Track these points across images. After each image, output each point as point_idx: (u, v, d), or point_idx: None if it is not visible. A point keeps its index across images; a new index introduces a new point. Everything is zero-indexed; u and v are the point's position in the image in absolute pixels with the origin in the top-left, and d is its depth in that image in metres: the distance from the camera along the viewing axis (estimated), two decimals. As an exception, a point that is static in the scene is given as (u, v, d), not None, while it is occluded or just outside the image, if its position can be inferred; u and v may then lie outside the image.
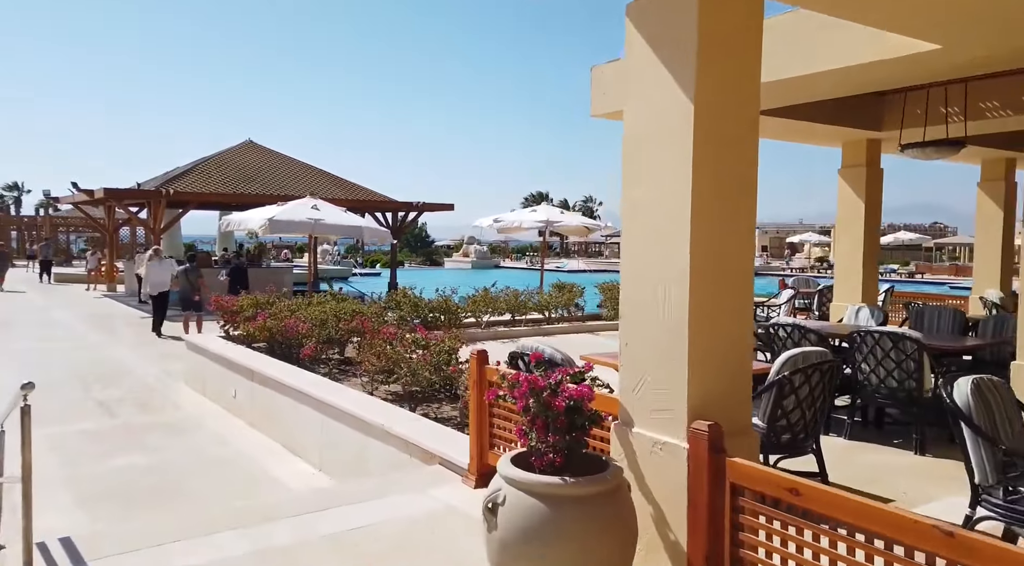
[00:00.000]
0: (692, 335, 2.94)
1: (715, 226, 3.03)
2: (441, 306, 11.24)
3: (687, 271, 2.95)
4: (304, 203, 13.88)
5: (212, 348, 9.54)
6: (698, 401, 2.92)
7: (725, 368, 3.05)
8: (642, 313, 3.20)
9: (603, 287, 14.00)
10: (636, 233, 3.29)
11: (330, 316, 9.00)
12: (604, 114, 7.97)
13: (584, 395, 2.74)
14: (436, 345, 6.88)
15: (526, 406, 2.82)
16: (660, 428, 3.02)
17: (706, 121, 2.95)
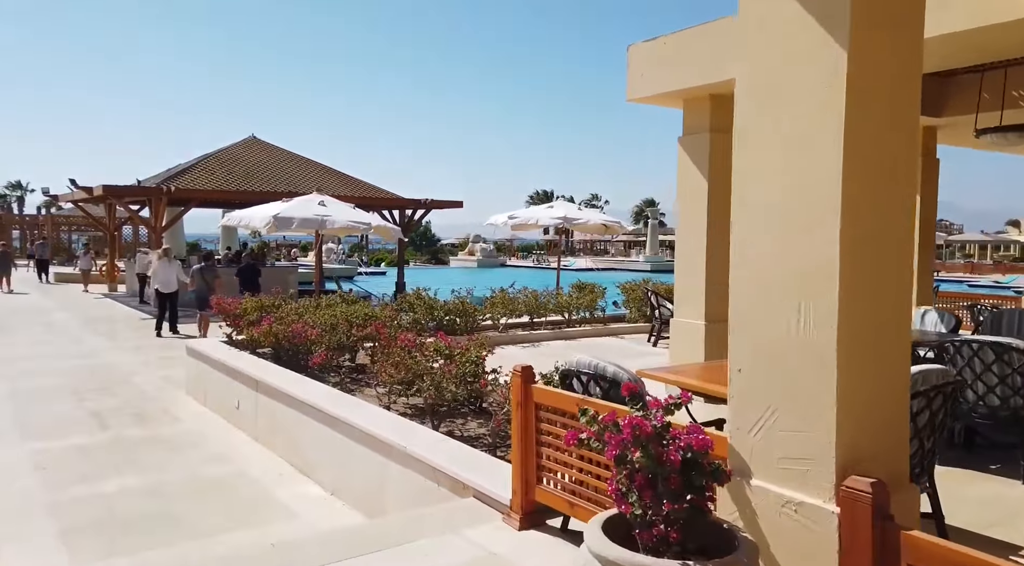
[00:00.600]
0: (842, 360, 2.22)
1: (871, 216, 2.31)
2: (457, 308, 10.53)
3: (835, 276, 2.23)
4: (311, 199, 13.18)
5: (213, 355, 8.85)
6: (850, 448, 2.21)
7: (883, 402, 2.33)
8: (765, 330, 2.48)
9: (625, 287, 13.28)
10: (755, 225, 2.57)
11: (341, 320, 8.30)
12: (642, 98, 7.24)
13: (704, 445, 2.03)
14: (461, 354, 6.17)
15: (621, 456, 2.11)
16: (793, 482, 2.30)
17: (862, 74, 2.23)
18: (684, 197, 7.21)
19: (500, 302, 11.26)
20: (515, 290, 12.17)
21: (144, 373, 11.12)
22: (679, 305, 7.32)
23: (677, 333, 7.33)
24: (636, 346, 10.87)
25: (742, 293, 2.61)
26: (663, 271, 49.05)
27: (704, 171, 6.96)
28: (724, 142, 7.06)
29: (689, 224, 7.15)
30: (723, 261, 6.86)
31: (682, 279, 7.28)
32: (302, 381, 7.34)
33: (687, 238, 7.18)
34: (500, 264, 56.70)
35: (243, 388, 8.01)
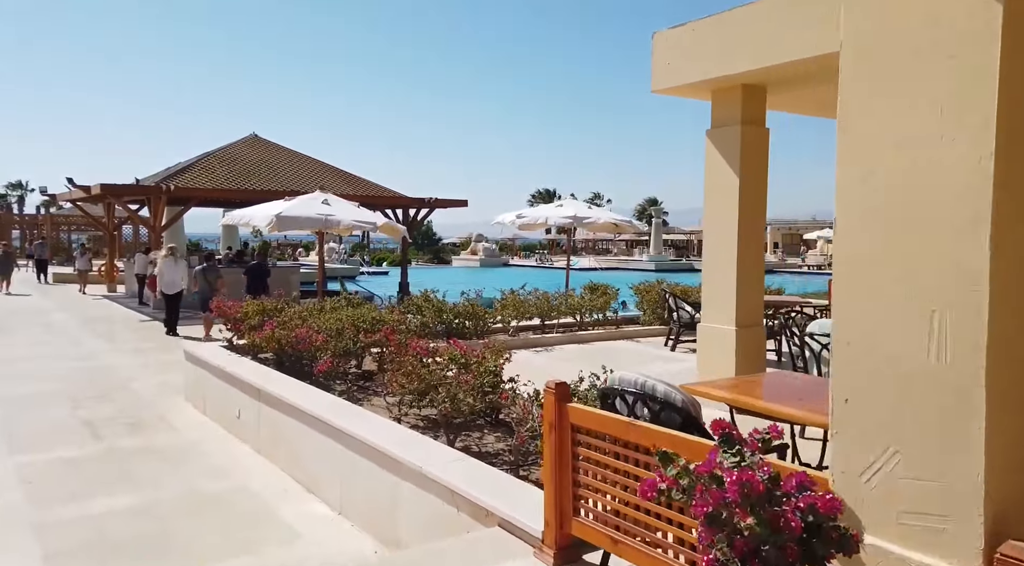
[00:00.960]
0: (993, 389, 1.77)
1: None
2: (467, 311, 10.10)
3: (986, 285, 1.77)
4: (314, 197, 12.76)
5: (212, 361, 8.42)
6: (1002, 503, 1.77)
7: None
8: (884, 351, 2.02)
9: (639, 288, 12.84)
10: (868, 218, 2.09)
11: (347, 325, 7.87)
12: (667, 89, 6.81)
13: (833, 509, 1.59)
14: (477, 363, 5.74)
15: (716, 516, 1.68)
16: (921, 544, 1.87)
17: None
18: (713, 194, 6.77)
19: (511, 304, 10.83)
20: (525, 292, 11.74)
21: (142, 378, 10.71)
22: (707, 309, 6.89)
23: (705, 339, 6.90)
24: (653, 350, 10.44)
25: (854, 304, 2.11)
26: (667, 271, 48.56)
27: (735, 166, 6.52)
28: (756, 135, 6.63)
29: (718, 222, 6.72)
30: (755, 261, 6.40)
31: (710, 281, 6.85)
32: (306, 390, 6.92)
33: (716, 237, 6.75)
34: (503, 264, 56.29)
35: (244, 396, 7.59)
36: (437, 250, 63.36)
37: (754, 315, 6.70)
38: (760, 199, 6.66)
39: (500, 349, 6.29)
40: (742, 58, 6.08)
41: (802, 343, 5.76)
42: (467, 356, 5.86)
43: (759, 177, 6.64)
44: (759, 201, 6.66)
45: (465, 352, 5.94)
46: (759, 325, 6.74)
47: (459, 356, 5.82)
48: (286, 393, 6.73)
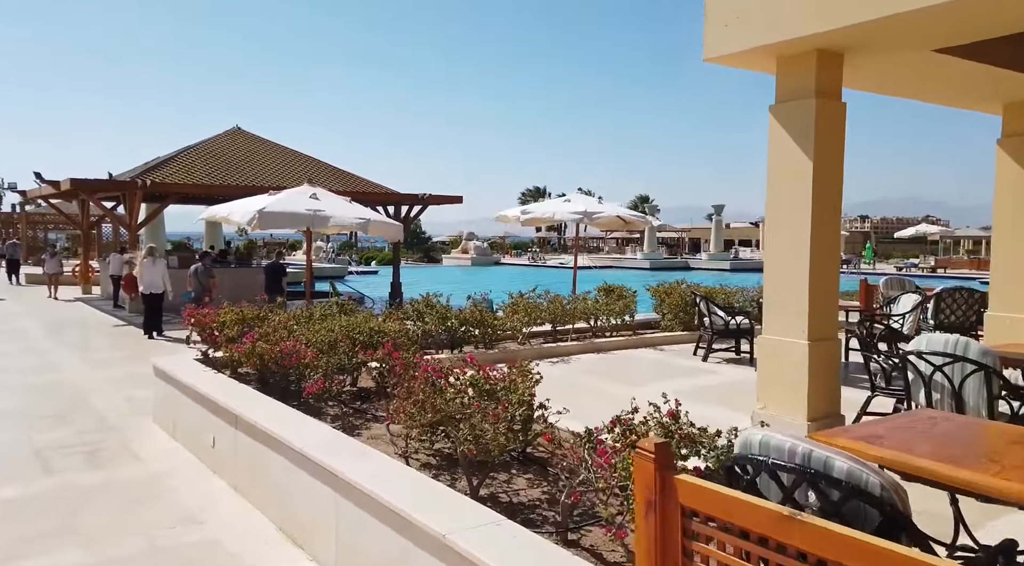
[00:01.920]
0: None
1: None
2: (475, 317, 8.99)
3: None
4: (301, 192, 11.60)
5: (183, 378, 7.27)
6: None
7: None
8: None
9: (657, 290, 11.78)
10: None
11: (341, 336, 6.75)
12: (724, 56, 5.72)
13: None
14: (505, 389, 4.64)
15: None
16: None
17: None
18: (779, 181, 5.70)
19: (523, 310, 9.73)
20: (535, 295, 10.65)
21: (107, 393, 9.53)
22: (770, 318, 5.82)
23: (768, 354, 5.82)
24: (681, 361, 9.39)
25: None
26: (663, 269, 47.67)
27: (808, 147, 5.45)
28: (834, 110, 5.56)
29: (786, 215, 5.64)
30: (831, 262, 5.26)
31: (776, 285, 5.77)
32: (292, 418, 5.79)
33: (783, 233, 5.67)
34: (494, 262, 55.18)
35: (220, 422, 6.45)
36: (427, 249, 62.14)
37: (829, 326, 5.64)
38: (836, 187, 5.59)
39: (527, 369, 5.18)
40: (821, 16, 5.01)
41: (902, 364, 4.70)
42: (492, 381, 4.76)
43: (836, 161, 5.57)
44: (835, 189, 5.59)
45: (488, 376, 4.83)
46: (834, 338, 5.68)
47: (482, 381, 4.71)
48: (268, 422, 5.60)
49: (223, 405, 6.31)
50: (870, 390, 5.81)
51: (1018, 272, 7.33)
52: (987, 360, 4.25)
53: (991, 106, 7.50)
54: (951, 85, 6.67)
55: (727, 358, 9.43)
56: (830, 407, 5.65)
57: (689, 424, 3.97)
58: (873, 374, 5.73)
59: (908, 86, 6.61)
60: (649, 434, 4.08)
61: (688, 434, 3.92)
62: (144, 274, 14.22)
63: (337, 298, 9.38)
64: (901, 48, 5.40)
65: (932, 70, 6.04)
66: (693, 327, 10.94)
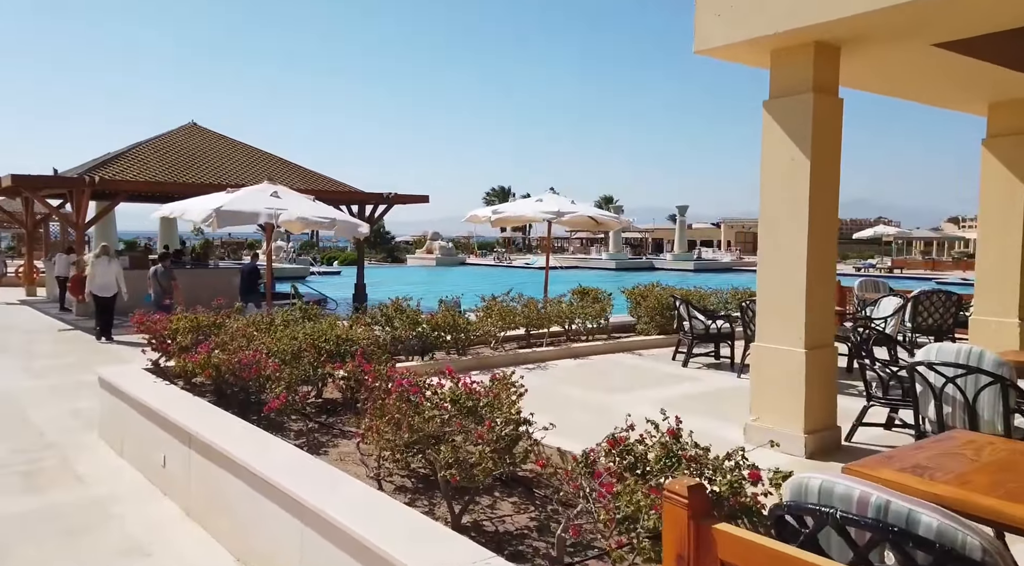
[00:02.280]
0: None
1: None
2: (447, 322, 8.56)
3: None
4: (261, 190, 11.02)
5: (131, 391, 6.69)
6: None
7: None
8: None
9: (633, 293, 11.49)
10: None
11: (305, 345, 6.26)
12: (715, 48, 5.42)
13: None
14: (490, 406, 4.24)
15: None
16: None
17: None
18: (773, 181, 5.41)
19: (498, 314, 9.32)
20: (509, 298, 10.26)
21: (49, 405, 8.85)
22: (764, 324, 5.52)
23: (763, 363, 5.52)
24: (661, 367, 9.08)
25: None
26: (628, 269, 47.74)
27: (805, 146, 5.16)
28: (831, 106, 5.28)
29: (781, 216, 5.35)
30: (828, 266, 4.98)
31: (770, 290, 5.48)
32: (252, 436, 5.29)
33: (778, 235, 5.38)
34: (460, 263, 54.69)
35: (171, 439, 5.91)
36: (391, 249, 61.28)
37: (826, 333, 5.36)
38: (834, 187, 5.32)
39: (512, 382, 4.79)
40: (822, 5, 4.72)
41: (910, 375, 4.43)
42: (473, 395, 4.35)
43: (833, 159, 5.30)
44: (832, 189, 5.32)
45: (470, 389, 4.43)
46: (831, 346, 5.41)
47: (464, 397, 4.30)
48: (225, 441, 5.10)
49: (174, 421, 5.78)
50: (865, 399, 5.55)
51: (1004, 275, 7.21)
52: (1003, 371, 4.01)
53: (977, 106, 7.36)
54: (943, 83, 6.49)
55: (707, 363, 9.18)
56: (827, 418, 5.38)
57: (693, 445, 3.62)
58: (869, 382, 5.48)
59: (900, 83, 6.40)
60: (649, 455, 3.73)
61: (694, 456, 3.57)
62: (97, 275, 13.55)
63: (301, 302, 8.85)
64: (901, 41, 5.15)
65: (927, 66, 5.82)
66: (670, 331, 10.68)
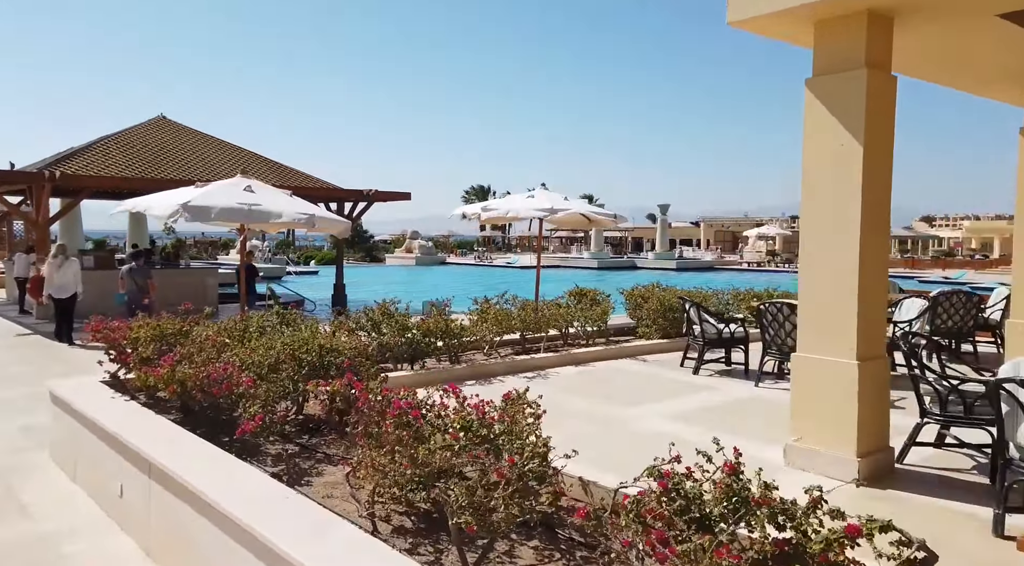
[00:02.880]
0: None
1: None
2: (439, 328, 7.85)
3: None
4: (233, 184, 10.19)
5: (85, 409, 5.91)
6: None
7: None
8: None
9: (632, 295, 10.86)
10: None
11: (284, 357, 5.53)
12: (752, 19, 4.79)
13: None
14: (509, 435, 3.56)
15: None
16: None
17: None
18: (818, 170, 4.78)
19: (494, 318, 8.62)
20: (503, 300, 9.58)
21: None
22: (808, 333, 4.89)
23: (807, 376, 4.89)
24: (670, 374, 8.44)
25: None
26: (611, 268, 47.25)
27: (857, 130, 4.54)
28: (885, 84, 4.66)
29: (828, 210, 4.73)
30: (881, 267, 4.21)
31: (815, 294, 4.85)
32: (222, 464, 4.56)
33: (823, 232, 4.76)
34: (440, 262, 53.86)
35: (129, 467, 5.15)
36: (369, 248, 60.19)
37: (879, 342, 4.75)
38: (887, 176, 4.71)
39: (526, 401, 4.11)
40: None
41: (993, 394, 3.82)
42: (486, 422, 3.66)
43: (887, 144, 4.69)
44: (886, 179, 4.70)
45: (483, 412, 3.74)
46: (883, 356, 4.79)
47: (475, 423, 3.61)
48: (188, 472, 4.36)
49: (133, 447, 5.01)
50: (919, 416, 4.95)
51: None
52: (1111, 389, 3.42)
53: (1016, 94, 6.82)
54: (995, 64, 5.90)
55: (719, 370, 8.57)
56: (880, 439, 4.78)
57: (763, 486, 2.97)
58: (922, 396, 4.88)
59: (949, 64, 5.81)
60: (704, 496, 3.08)
61: (765, 499, 2.92)
62: (54, 275, 12.79)
63: (278, 306, 8.08)
64: (962, 8, 4.56)
65: (985, 43, 5.24)
66: (673, 334, 10.07)
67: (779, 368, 7.85)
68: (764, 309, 7.27)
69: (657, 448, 3.30)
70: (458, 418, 3.68)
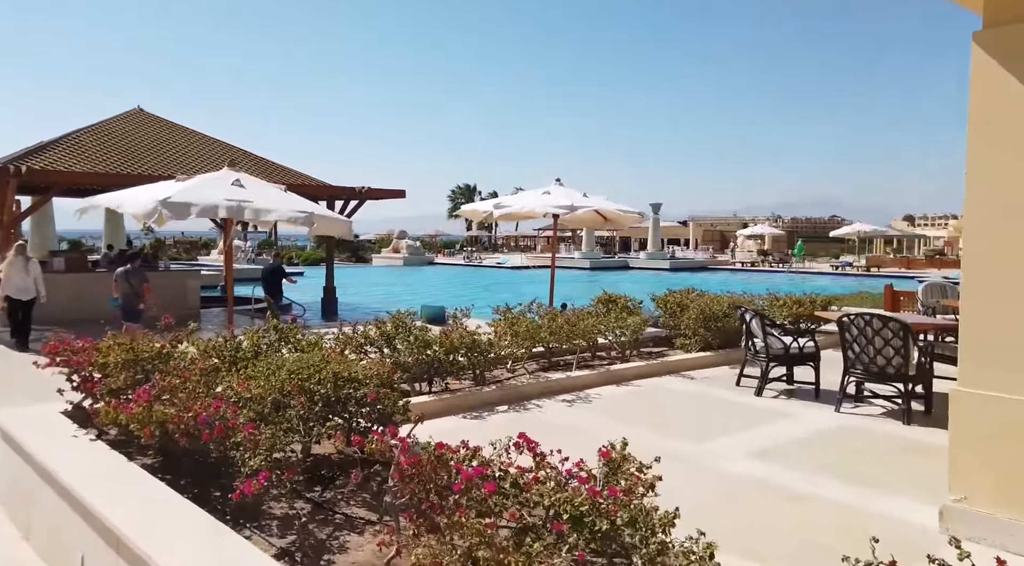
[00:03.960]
0: None
1: None
2: (463, 343, 6.70)
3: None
4: (219, 177, 8.99)
5: (41, 456, 4.72)
6: None
7: None
8: None
9: (666, 301, 9.79)
10: None
11: (291, 389, 4.37)
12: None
13: None
14: (631, 522, 2.46)
15: None
16: None
17: None
18: (1000, 148, 3.70)
19: (524, 330, 7.47)
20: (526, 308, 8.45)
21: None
22: (976, 361, 3.82)
23: (978, 418, 3.80)
24: (728, 395, 7.33)
25: None
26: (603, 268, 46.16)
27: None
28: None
29: (1007, 197, 3.65)
30: None
31: (993, 310, 3.77)
32: (216, 544, 3.40)
33: (1006, 229, 3.68)
34: (428, 262, 52.56)
35: (92, 535, 3.98)
36: (355, 248, 58.72)
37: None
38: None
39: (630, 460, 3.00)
40: None
41: None
42: (601, 507, 2.55)
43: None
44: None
45: (595, 493, 2.63)
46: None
47: (590, 510, 2.50)
48: (172, 561, 3.20)
49: (98, 514, 3.84)
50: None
51: None
52: None
53: None
54: None
55: (781, 390, 7.50)
56: (1071, 498, 3.71)
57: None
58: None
59: None
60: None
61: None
62: (13, 276, 11.81)
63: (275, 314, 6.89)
64: None
65: None
66: (715, 346, 9.02)
67: (859, 389, 6.79)
68: (849, 322, 6.21)
69: (768, 507, 2.20)
70: (563, 502, 2.56)
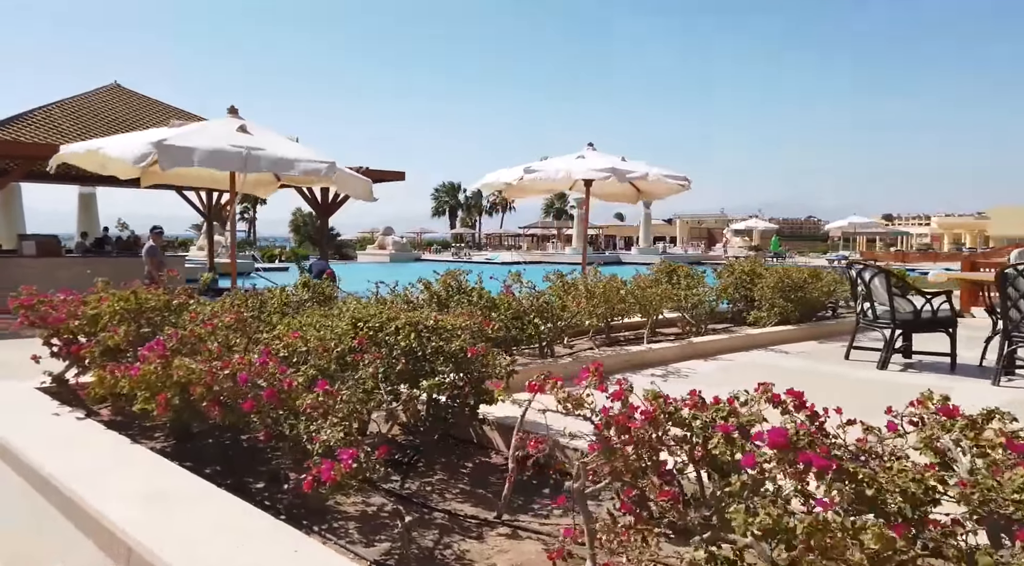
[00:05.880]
0: None
1: None
2: (536, 306, 5.49)
3: None
4: (222, 124, 7.68)
5: (12, 440, 3.44)
6: None
7: None
8: None
9: (731, 270, 8.68)
10: None
11: (361, 343, 3.13)
12: None
13: None
14: None
15: None
16: None
17: None
18: None
19: (602, 295, 6.26)
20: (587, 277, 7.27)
21: None
22: None
23: None
24: (844, 370, 6.14)
25: None
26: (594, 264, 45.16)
27: None
28: None
29: None
30: None
31: None
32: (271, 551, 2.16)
33: None
34: (415, 258, 51.19)
35: (80, 537, 2.72)
36: (339, 245, 57.17)
37: None
38: None
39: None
40: None
41: None
42: None
43: None
44: None
45: None
46: None
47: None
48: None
49: (88, 509, 2.59)
50: None
51: None
52: None
53: None
54: None
55: (905, 364, 6.38)
56: None
57: None
58: None
59: None
60: None
61: None
62: None
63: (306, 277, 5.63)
64: None
65: None
66: (793, 321, 7.91)
67: (1011, 360, 5.67)
68: (1014, 274, 5.10)
69: None
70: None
